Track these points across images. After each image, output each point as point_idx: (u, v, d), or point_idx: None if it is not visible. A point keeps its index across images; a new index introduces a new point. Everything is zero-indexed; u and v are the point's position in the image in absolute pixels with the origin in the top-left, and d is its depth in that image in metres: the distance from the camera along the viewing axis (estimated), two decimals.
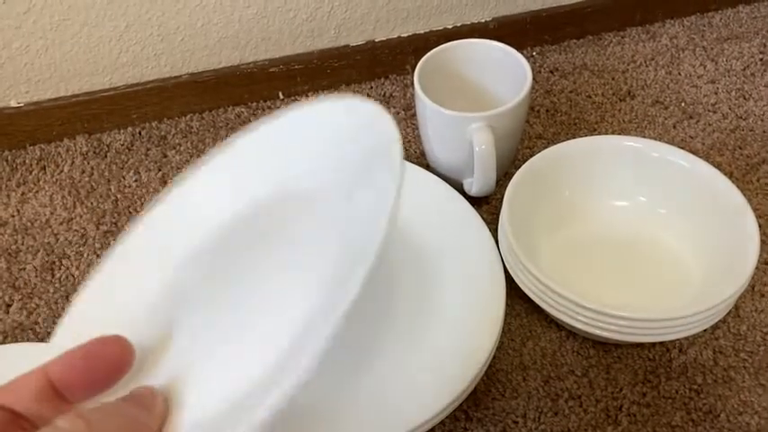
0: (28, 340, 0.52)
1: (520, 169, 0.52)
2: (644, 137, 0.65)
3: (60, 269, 0.56)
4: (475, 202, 0.57)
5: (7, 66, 0.62)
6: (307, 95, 0.71)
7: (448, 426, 0.47)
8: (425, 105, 0.55)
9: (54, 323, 0.53)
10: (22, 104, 0.64)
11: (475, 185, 0.55)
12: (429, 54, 0.58)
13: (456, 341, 0.49)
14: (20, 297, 0.54)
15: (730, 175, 0.61)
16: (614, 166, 0.54)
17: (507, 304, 0.49)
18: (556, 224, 0.54)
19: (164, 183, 0.62)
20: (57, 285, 0.55)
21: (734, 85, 0.69)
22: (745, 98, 0.68)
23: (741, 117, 0.66)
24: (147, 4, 0.61)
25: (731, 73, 0.71)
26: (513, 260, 0.49)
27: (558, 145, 0.54)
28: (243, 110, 0.69)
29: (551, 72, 0.72)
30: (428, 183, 0.57)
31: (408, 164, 0.59)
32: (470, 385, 0.46)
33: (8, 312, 0.54)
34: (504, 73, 0.58)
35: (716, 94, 0.69)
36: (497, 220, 0.56)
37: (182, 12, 0.63)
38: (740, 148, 0.63)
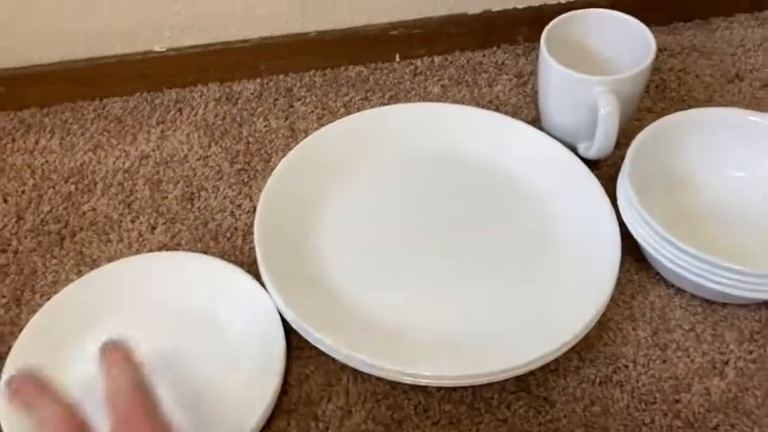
0: None
1: (644, 130, 0.55)
2: None
3: (199, 199, 0.61)
4: (589, 163, 0.60)
5: (155, 13, 0.67)
6: (422, 59, 0.74)
7: (562, 364, 0.50)
8: (551, 67, 0.58)
9: (195, 246, 0.58)
10: (164, 49, 0.69)
11: (594, 147, 0.57)
12: (555, 20, 0.61)
13: (573, 285, 0.52)
14: (164, 221, 0.59)
15: None
16: (734, 138, 0.56)
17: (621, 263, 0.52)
18: (672, 189, 0.56)
19: (291, 130, 0.67)
20: (196, 213, 0.60)
21: None
22: None
23: None
24: None
25: None
26: (632, 214, 0.52)
27: (684, 112, 0.56)
28: (362, 69, 0.73)
29: (660, 51, 0.74)
30: (544, 142, 0.61)
31: (525, 125, 0.62)
32: (586, 327, 0.49)
33: (153, 233, 0.59)
34: (625, 43, 0.60)
35: None
36: (610, 184, 0.59)
37: None
38: None
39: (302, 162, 0.59)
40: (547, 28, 0.60)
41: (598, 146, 0.57)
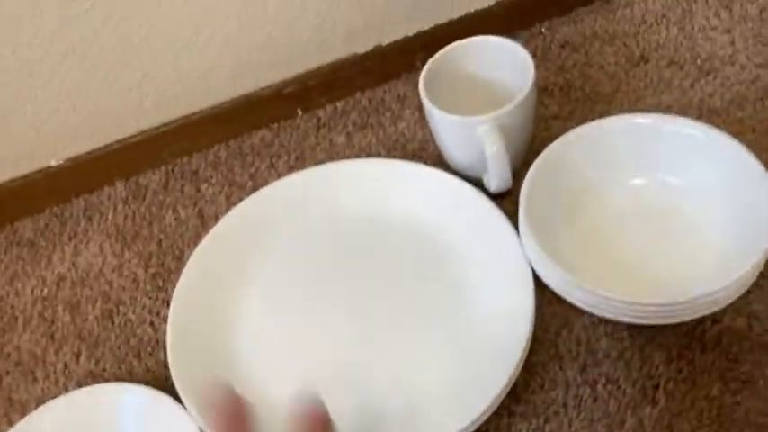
0: None
1: (533, 165, 0.53)
2: (660, 102, 0.65)
3: (118, 315, 0.60)
4: (495, 195, 0.58)
5: (42, 130, 0.66)
6: (324, 108, 0.72)
7: (493, 422, 0.49)
8: (431, 111, 0.56)
9: (120, 368, 0.57)
10: (61, 162, 0.68)
11: (492, 184, 0.56)
12: (431, 60, 0.59)
13: (489, 339, 0.51)
14: (86, 347, 0.59)
15: (752, 130, 0.61)
16: (626, 146, 0.54)
17: (537, 295, 0.51)
18: (575, 210, 0.55)
19: (200, 217, 0.66)
20: (117, 332, 0.59)
21: (750, 32, 0.68)
22: (763, 44, 0.67)
23: (761, 65, 0.65)
24: (160, 50, 0.64)
25: (747, 19, 0.69)
26: (536, 256, 0.50)
27: (566, 135, 0.54)
28: (266, 132, 0.72)
29: (562, 47, 0.72)
30: (448, 182, 0.59)
31: (429, 168, 0.60)
32: (509, 382, 0.48)
33: (78, 362, 0.58)
34: (508, 66, 0.59)
35: (732, 44, 0.68)
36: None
37: (192, 51, 0.65)
38: (761, 100, 0.63)
39: (208, 258, 0.59)
40: (424, 69, 0.58)
41: (495, 182, 0.56)
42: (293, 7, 0.66)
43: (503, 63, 0.59)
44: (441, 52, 0.59)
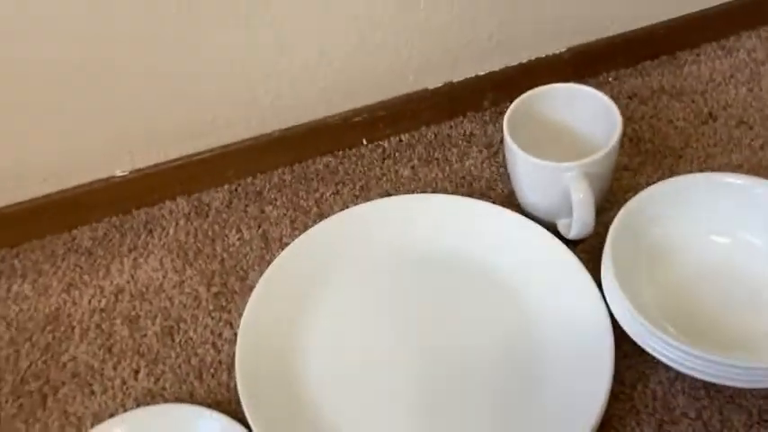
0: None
1: (619, 213, 0.53)
2: (731, 162, 0.65)
3: (179, 333, 0.59)
4: (569, 241, 0.58)
5: (112, 139, 0.65)
6: (389, 139, 0.72)
7: None
8: (516, 155, 0.56)
9: (180, 388, 0.56)
10: (126, 173, 0.68)
11: (573, 230, 0.56)
12: (515, 102, 0.59)
13: (567, 395, 0.50)
14: (146, 363, 0.58)
15: None
16: (714, 203, 0.54)
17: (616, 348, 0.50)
18: (657, 264, 0.54)
19: (264, 239, 0.65)
20: (177, 350, 0.58)
21: None
22: None
23: None
24: (238, 73, 0.64)
25: None
26: (618, 305, 0.50)
27: (652, 188, 0.54)
28: (330, 159, 0.72)
29: (629, 98, 0.73)
30: (524, 228, 0.59)
31: (502, 209, 0.60)
32: None
33: (137, 379, 0.57)
34: (590, 114, 0.59)
35: None
36: (594, 259, 0.57)
37: (270, 76, 0.65)
38: None
39: (277, 284, 0.58)
40: (508, 111, 0.59)
41: (577, 229, 0.56)
42: (372, 39, 0.66)
43: (586, 111, 0.59)
44: (524, 96, 0.59)
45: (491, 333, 0.55)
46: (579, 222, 0.54)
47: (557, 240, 0.57)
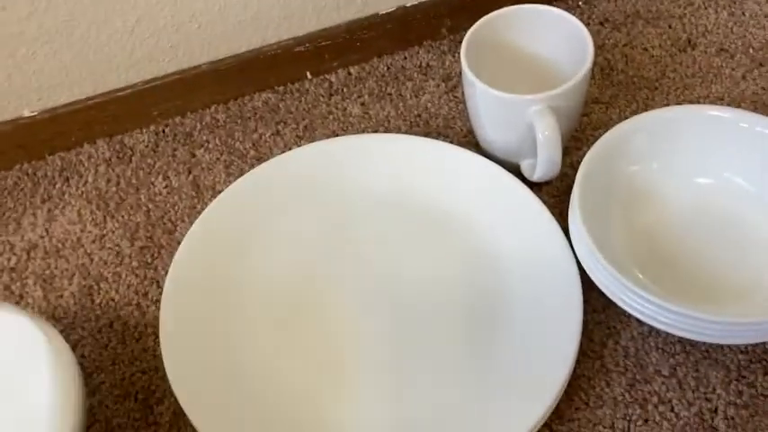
0: None
1: (589, 151, 0.47)
2: (710, 93, 0.60)
3: (99, 293, 0.53)
4: (534, 184, 0.52)
5: (15, 75, 0.57)
6: (337, 73, 0.65)
7: None
8: (474, 86, 0.50)
9: (101, 355, 0.50)
10: (35, 113, 0.60)
11: (538, 171, 0.50)
12: (474, 27, 0.52)
13: (531, 353, 0.45)
14: (62, 328, 0.51)
15: None
16: (695, 140, 0.49)
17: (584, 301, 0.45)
18: (632, 207, 0.49)
19: (195, 186, 0.58)
20: (98, 312, 0.52)
21: None
22: None
23: None
24: None
25: None
26: (586, 253, 0.45)
27: (628, 121, 0.48)
28: (270, 95, 0.64)
29: (601, 24, 0.66)
30: (483, 167, 0.53)
31: (460, 149, 0.54)
32: (555, 399, 0.43)
33: None
34: (558, 40, 0.52)
35: None
36: (561, 203, 0.52)
37: None
38: None
39: (208, 237, 0.51)
40: (466, 36, 0.52)
41: (542, 171, 0.50)
42: None
43: (553, 36, 0.53)
44: (484, 18, 0.52)
45: (449, 286, 0.49)
46: (545, 163, 0.48)
47: (520, 183, 0.51)
